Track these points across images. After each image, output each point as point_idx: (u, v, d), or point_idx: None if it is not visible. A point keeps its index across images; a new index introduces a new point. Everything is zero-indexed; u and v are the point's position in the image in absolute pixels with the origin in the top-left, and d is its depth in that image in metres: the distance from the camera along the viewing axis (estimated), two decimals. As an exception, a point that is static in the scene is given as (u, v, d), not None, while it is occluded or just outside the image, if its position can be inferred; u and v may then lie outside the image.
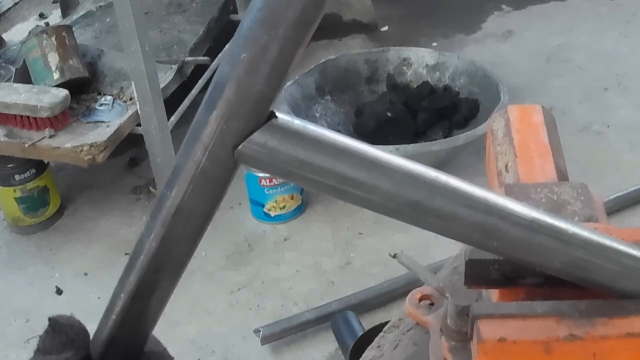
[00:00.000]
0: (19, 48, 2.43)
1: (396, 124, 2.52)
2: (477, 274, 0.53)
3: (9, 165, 2.28)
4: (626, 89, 2.81)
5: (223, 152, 0.41)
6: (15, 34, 3.20)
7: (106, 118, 2.26)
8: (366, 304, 1.99)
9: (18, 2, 3.53)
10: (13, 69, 2.39)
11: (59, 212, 2.43)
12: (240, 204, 2.39)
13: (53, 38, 2.28)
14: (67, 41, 2.32)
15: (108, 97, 2.34)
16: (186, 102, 2.41)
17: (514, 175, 0.66)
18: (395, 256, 0.86)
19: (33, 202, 2.34)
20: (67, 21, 2.80)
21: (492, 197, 0.46)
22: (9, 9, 3.48)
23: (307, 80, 2.66)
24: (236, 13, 2.94)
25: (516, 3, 3.44)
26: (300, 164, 0.42)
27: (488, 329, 0.50)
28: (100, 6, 2.86)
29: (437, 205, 0.45)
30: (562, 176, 0.66)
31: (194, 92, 2.47)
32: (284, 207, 2.32)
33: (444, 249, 1.76)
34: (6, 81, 2.33)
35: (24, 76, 2.34)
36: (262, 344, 1.92)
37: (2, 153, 2.21)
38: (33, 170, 2.30)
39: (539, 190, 0.62)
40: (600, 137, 2.58)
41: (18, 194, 2.31)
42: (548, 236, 0.47)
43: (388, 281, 2.03)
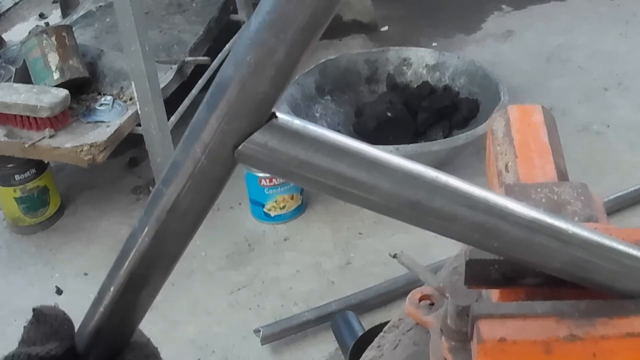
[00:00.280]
0: (19, 48, 2.43)
1: (396, 124, 2.52)
2: (477, 274, 0.53)
3: (9, 165, 2.28)
4: (626, 89, 2.81)
5: (223, 152, 0.41)
6: (15, 34, 3.20)
7: (106, 118, 2.26)
8: (366, 304, 1.99)
9: (18, 2, 3.54)
10: (13, 69, 2.39)
11: (59, 212, 2.43)
12: (240, 204, 2.39)
13: (53, 38, 2.28)
14: (67, 41, 2.32)
15: (108, 97, 2.34)
16: (186, 102, 2.41)
17: (514, 175, 0.66)
18: (395, 256, 0.85)
19: (33, 202, 2.34)
20: (67, 21, 2.80)
21: (492, 197, 0.46)
22: (9, 9, 3.48)
23: (307, 80, 2.66)
24: (236, 13, 2.94)
25: (516, 3, 3.44)
26: (300, 164, 0.42)
27: (488, 329, 0.50)
28: (100, 6, 2.86)
29: (437, 205, 0.45)
30: (562, 176, 0.66)
31: (194, 92, 2.47)
32: (284, 207, 2.32)
33: (444, 249, 1.76)
34: (6, 81, 2.33)
35: (24, 76, 2.34)
36: (262, 344, 1.92)
37: (2, 153, 2.21)
38: (33, 170, 2.30)
39: (539, 190, 0.62)
40: (600, 137, 2.58)
41: (18, 194, 2.31)
42: (548, 236, 0.47)
43: (388, 281, 2.03)
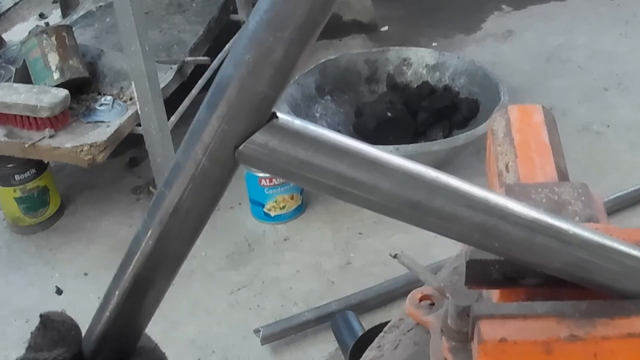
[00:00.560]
0: (19, 48, 2.43)
1: (396, 124, 2.52)
2: (478, 274, 0.53)
3: (9, 165, 2.28)
4: (626, 89, 2.81)
5: (224, 152, 0.41)
6: (15, 34, 3.20)
7: (106, 118, 2.26)
8: (366, 304, 1.99)
9: (18, 2, 3.53)
10: (13, 69, 2.39)
11: (59, 212, 2.43)
12: (240, 204, 2.39)
13: (53, 38, 2.28)
14: (67, 41, 2.32)
15: (108, 97, 2.34)
16: (186, 102, 2.41)
17: (515, 175, 0.66)
18: (395, 256, 0.85)
19: (33, 202, 2.34)
20: (67, 21, 2.80)
21: (493, 198, 0.46)
22: (9, 9, 3.48)
23: (307, 80, 2.66)
24: (236, 13, 2.94)
25: (516, 3, 3.44)
26: (300, 164, 0.42)
27: (489, 329, 0.50)
28: (100, 6, 2.86)
29: (438, 205, 0.45)
30: (563, 176, 0.66)
31: (194, 92, 2.47)
32: (284, 207, 2.32)
33: (444, 249, 1.76)
34: (6, 81, 2.33)
35: (24, 76, 2.33)
36: (262, 344, 1.92)
37: (2, 153, 2.21)
38: (33, 170, 2.30)
39: (540, 190, 0.62)
40: (600, 137, 2.58)
41: (18, 194, 2.31)
42: (549, 236, 0.47)
43: (388, 281, 2.03)
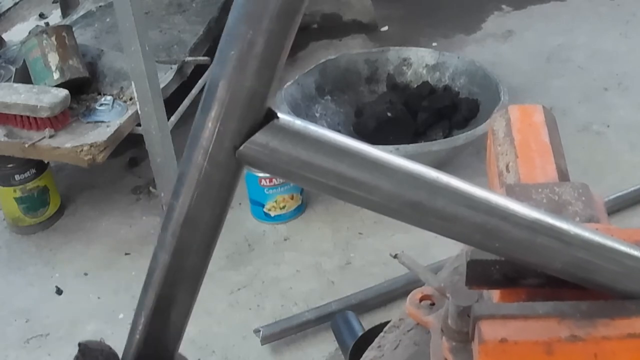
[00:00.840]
0: (19, 48, 2.43)
1: (396, 124, 2.52)
2: (479, 275, 0.53)
3: (9, 165, 2.28)
4: (626, 89, 2.81)
5: (223, 154, 0.41)
6: (15, 34, 3.19)
7: (106, 118, 2.26)
8: (366, 304, 1.99)
9: (18, 2, 3.53)
10: (13, 69, 2.38)
11: (59, 212, 2.43)
12: (240, 204, 2.39)
13: (53, 38, 2.28)
14: (67, 41, 2.32)
15: (108, 97, 2.34)
16: (186, 102, 2.41)
17: (515, 175, 0.66)
18: (395, 256, 0.85)
19: (33, 202, 2.34)
20: (67, 21, 2.80)
21: (493, 198, 0.46)
22: (9, 9, 3.48)
23: (307, 80, 2.66)
24: (236, 13, 2.94)
25: (516, 3, 3.44)
26: (301, 165, 0.42)
27: (489, 330, 0.50)
28: (100, 6, 2.86)
29: (438, 205, 0.45)
30: (563, 176, 0.66)
31: (194, 92, 2.46)
32: (284, 207, 2.32)
33: (445, 249, 1.76)
34: (6, 81, 2.33)
35: (24, 76, 2.33)
36: (262, 344, 1.92)
37: (2, 153, 2.21)
38: (33, 170, 2.30)
39: (540, 190, 0.62)
40: (600, 137, 2.58)
41: (18, 194, 2.31)
42: (549, 237, 0.47)
43: (388, 281, 2.03)
